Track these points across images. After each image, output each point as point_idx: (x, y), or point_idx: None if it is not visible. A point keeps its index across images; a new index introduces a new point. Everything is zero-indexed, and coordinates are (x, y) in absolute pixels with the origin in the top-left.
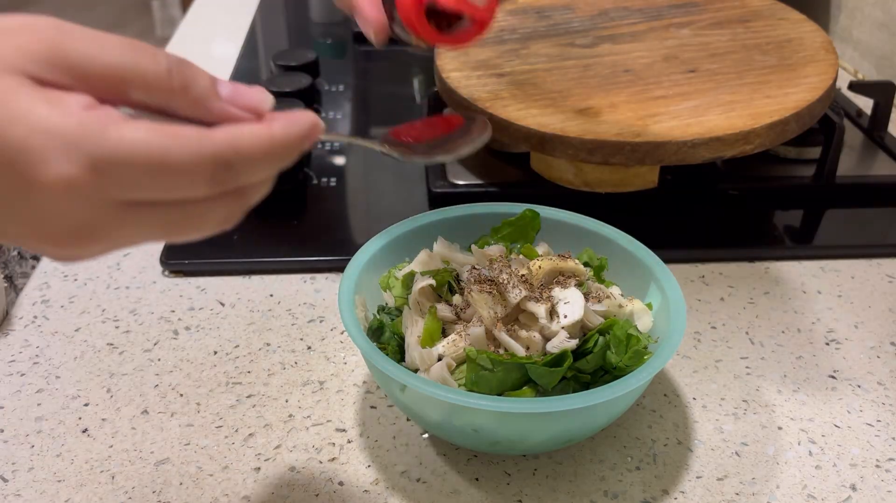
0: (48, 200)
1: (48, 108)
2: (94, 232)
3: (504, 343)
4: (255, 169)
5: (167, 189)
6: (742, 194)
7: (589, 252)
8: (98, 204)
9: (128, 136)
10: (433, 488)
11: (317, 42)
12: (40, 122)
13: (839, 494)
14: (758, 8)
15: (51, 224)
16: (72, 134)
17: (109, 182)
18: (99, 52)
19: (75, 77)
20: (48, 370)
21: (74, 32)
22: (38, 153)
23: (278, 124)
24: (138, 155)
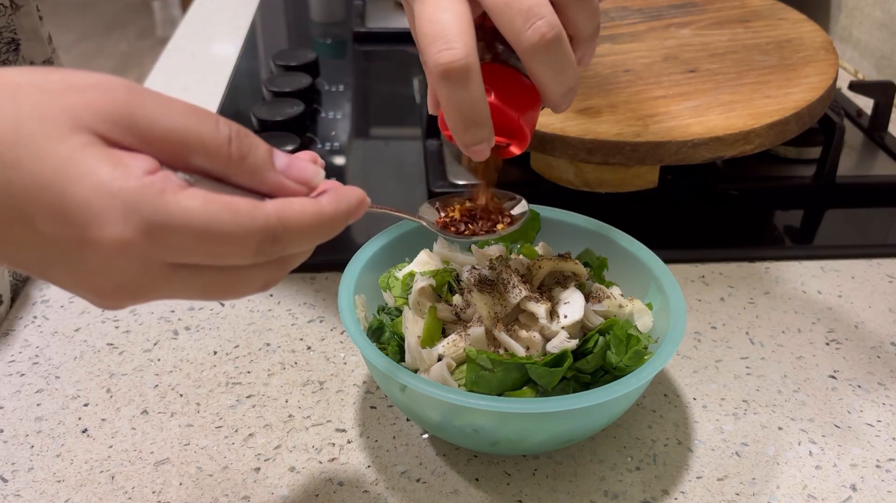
0: (101, 259)
1: (111, 170)
2: (140, 289)
3: (504, 343)
4: (300, 242)
5: (215, 256)
6: (742, 194)
7: (589, 252)
8: (147, 265)
9: (183, 204)
10: (433, 488)
11: (317, 42)
12: (103, 184)
13: (839, 494)
14: (758, 8)
15: (99, 279)
16: (131, 198)
17: (161, 246)
18: (165, 115)
19: (141, 139)
20: (48, 370)
21: (144, 95)
22: (98, 213)
23: (327, 199)
24: (192, 223)
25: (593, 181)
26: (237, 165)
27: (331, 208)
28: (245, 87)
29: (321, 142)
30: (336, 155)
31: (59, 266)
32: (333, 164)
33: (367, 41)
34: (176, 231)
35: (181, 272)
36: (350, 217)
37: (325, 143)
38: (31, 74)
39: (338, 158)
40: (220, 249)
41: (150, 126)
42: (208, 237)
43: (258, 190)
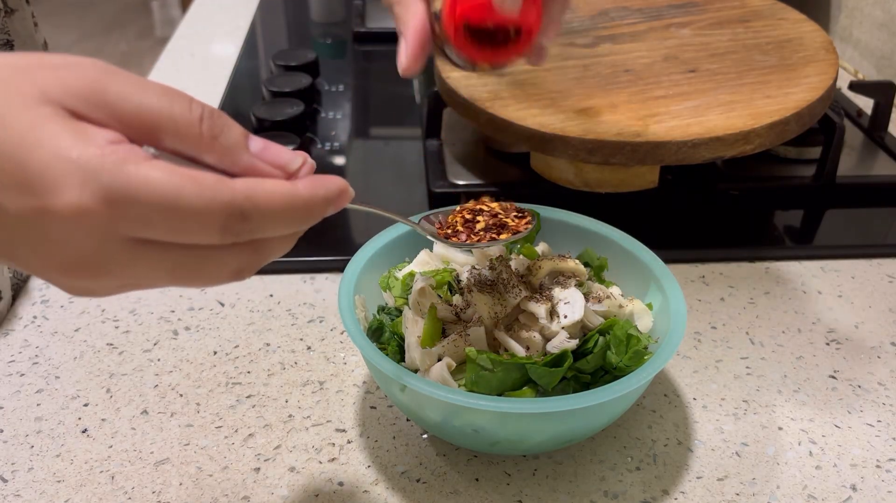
0: (59, 227)
1: (73, 139)
2: (102, 265)
3: (504, 343)
4: (271, 223)
5: (178, 231)
6: (742, 194)
7: (589, 252)
8: (108, 237)
9: (144, 173)
10: (433, 488)
11: (317, 42)
12: (62, 150)
13: (839, 494)
14: (758, 8)
15: (60, 252)
16: (90, 164)
17: (121, 216)
18: (136, 93)
19: (110, 115)
20: (48, 370)
21: (117, 74)
22: (55, 179)
23: (303, 183)
24: (152, 192)
25: (593, 181)
26: (208, 144)
27: (306, 192)
28: (245, 87)
29: (321, 142)
30: (336, 155)
31: (23, 243)
32: (333, 164)
33: (367, 41)
34: (136, 200)
35: (145, 250)
36: (329, 205)
37: (325, 143)
38: (7, 55)
39: (338, 158)
40: (183, 222)
41: (120, 102)
42: (170, 208)
43: (230, 171)
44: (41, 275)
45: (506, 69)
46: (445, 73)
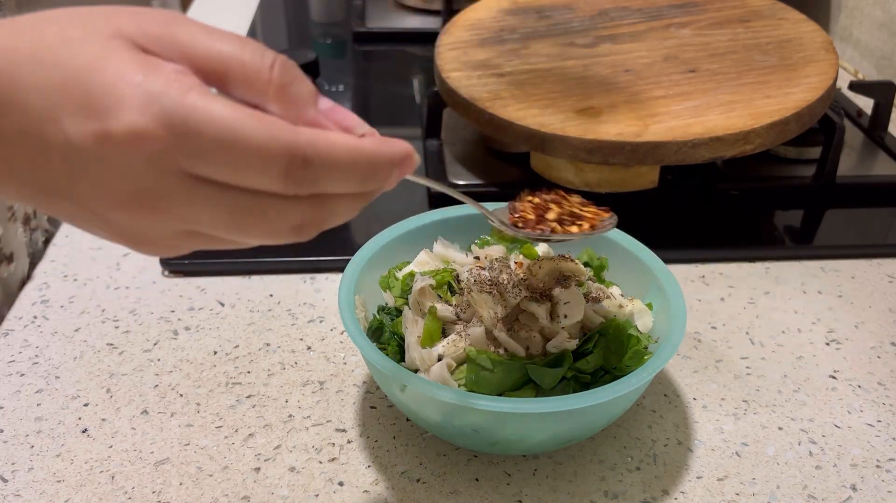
0: (118, 153)
1: (140, 65)
2: (159, 200)
3: (504, 343)
4: (333, 174)
5: (238, 169)
6: (742, 194)
7: (589, 252)
8: (166, 168)
9: (208, 104)
10: (433, 488)
11: (317, 42)
12: (127, 74)
13: (839, 494)
14: (758, 8)
15: (118, 182)
16: (154, 88)
17: (180, 146)
18: (208, 36)
19: (181, 54)
20: (48, 370)
21: (191, 21)
22: (117, 100)
23: (369, 140)
24: (215, 123)
25: (593, 181)
26: (276, 93)
27: (371, 147)
28: None
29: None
30: None
31: (81, 176)
32: None
33: (367, 41)
34: (197, 130)
35: (205, 188)
36: (393, 166)
37: None
38: (85, 7)
39: None
40: (244, 160)
41: (192, 43)
42: (232, 142)
43: (295, 124)
44: (96, 216)
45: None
46: (445, 73)
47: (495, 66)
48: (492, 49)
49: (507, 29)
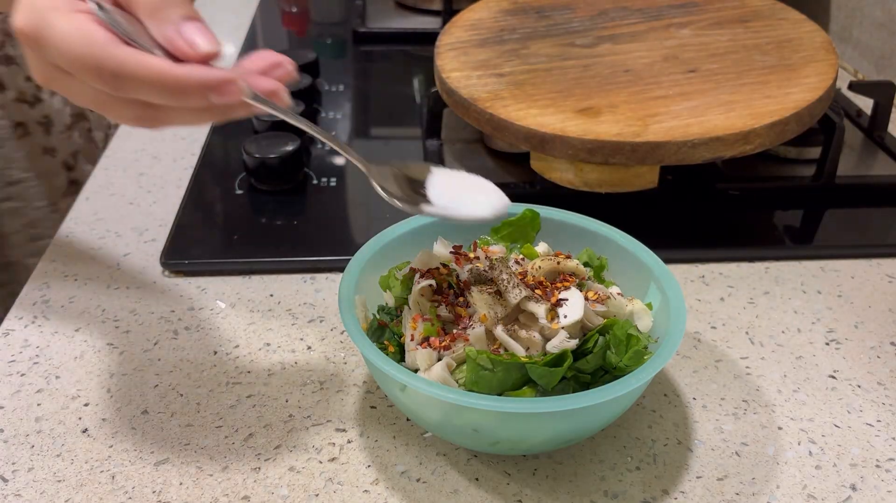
0: (21, 41)
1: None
2: (51, 80)
3: (504, 343)
4: (143, 88)
5: (72, 68)
6: (742, 194)
7: (589, 252)
8: (40, 57)
9: (58, 19)
10: (433, 488)
11: (317, 42)
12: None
13: (839, 494)
14: (758, 8)
15: (30, 60)
16: (36, 3)
17: (38, 44)
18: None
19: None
20: (48, 370)
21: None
22: (21, 5)
23: (185, 66)
24: (55, 33)
25: (593, 181)
26: (148, 13)
27: (179, 71)
28: None
29: (321, 142)
30: (336, 155)
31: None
32: (334, 164)
33: (367, 41)
34: (45, 35)
35: (69, 78)
36: (207, 90)
37: (325, 144)
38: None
39: (338, 158)
40: (71, 63)
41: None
42: (63, 49)
43: (156, 39)
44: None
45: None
46: (445, 73)
47: (495, 66)
48: (492, 49)
49: (507, 29)
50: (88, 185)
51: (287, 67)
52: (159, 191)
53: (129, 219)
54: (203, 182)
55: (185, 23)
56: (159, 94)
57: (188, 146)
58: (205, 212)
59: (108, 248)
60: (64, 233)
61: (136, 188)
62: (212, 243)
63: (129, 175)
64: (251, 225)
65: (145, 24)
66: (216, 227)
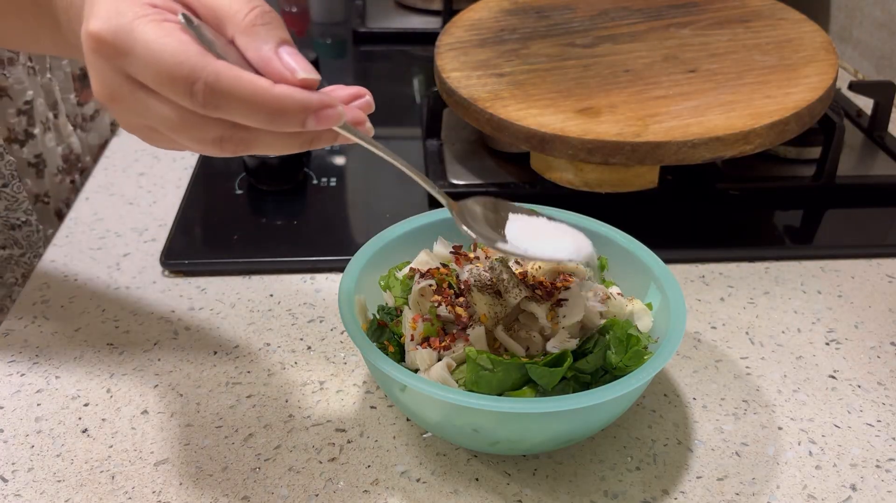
0: (87, 48)
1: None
2: (117, 94)
3: (504, 343)
4: (235, 106)
5: (157, 82)
6: (742, 194)
7: None
8: (117, 69)
9: (147, 28)
10: (433, 488)
11: (317, 42)
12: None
13: (839, 494)
14: (758, 8)
15: (93, 72)
16: (120, 8)
17: (120, 53)
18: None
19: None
20: (48, 370)
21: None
22: (97, 11)
23: (286, 87)
24: (143, 41)
25: (593, 181)
26: (245, 28)
27: (280, 91)
28: None
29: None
30: (336, 155)
31: (88, 66)
32: (333, 164)
33: (367, 41)
34: (131, 44)
35: (143, 91)
36: (305, 112)
37: None
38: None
39: (338, 158)
40: (158, 74)
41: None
42: (150, 59)
43: (251, 57)
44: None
45: None
46: (445, 73)
47: (495, 66)
48: (492, 49)
49: (507, 29)
50: (88, 185)
51: (368, 98)
52: (159, 191)
53: (129, 219)
54: (203, 182)
55: (284, 45)
56: (255, 114)
57: None
58: (205, 212)
59: (108, 248)
60: (64, 233)
61: (136, 188)
62: (212, 243)
63: (129, 175)
64: (251, 225)
65: (239, 40)
66: (216, 227)
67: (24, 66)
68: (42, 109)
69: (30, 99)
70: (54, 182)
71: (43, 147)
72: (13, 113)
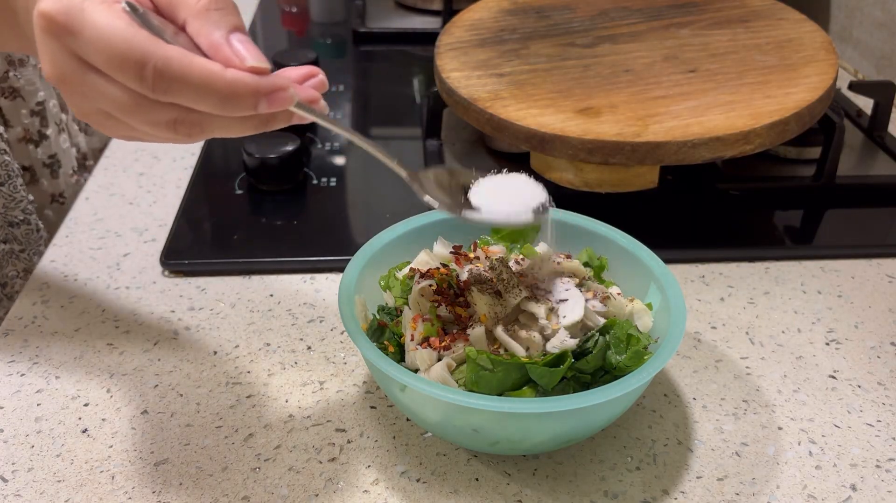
0: (38, 28)
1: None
2: (68, 77)
3: (504, 343)
4: (186, 90)
5: (107, 65)
6: (742, 194)
7: (589, 252)
8: (68, 51)
9: (97, 10)
10: (433, 488)
11: (317, 42)
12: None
13: (839, 494)
14: (758, 8)
15: (44, 54)
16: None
17: (70, 34)
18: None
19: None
20: (48, 370)
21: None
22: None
23: (235, 70)
24: (92, 24)
25: (593, 181)
26: (197, 12)
27: (233, 75)
28: None
29: (321, 142)
30: (336, 155)
31: (38, 48)
32: (333, 164)
33: (367, 41)
34: (81, 25)
35: (95, 74)
36: (257, 96)
37: (325, 144)
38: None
39: (338, 158)
40: (108, 58)
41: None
42: (100, 41)
43: (202, 44)
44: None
45: None
46: (445, 73)
47: (495, 66)
48: (492, 49)
49: (507, 29)
50: (88, 185)
51: (321, 77)
52: (159, 191)
53: (129, 219)
54: (203, 182)
55: (235, 32)
56: (206, 99)
57: (188, 146)
58: (205, 212)
59: (108, 247)
60: (64, 233)
61: (136, 188)
62: (212, 243)
63: (129, 175)
64: (251, 225)
65: (191, 24)
66: (216, 227)
67: (35, 68)
68: (55, 111)
69: (42, 100)
70: (70, 182)
71: (57, 147)
72: (27, 114)
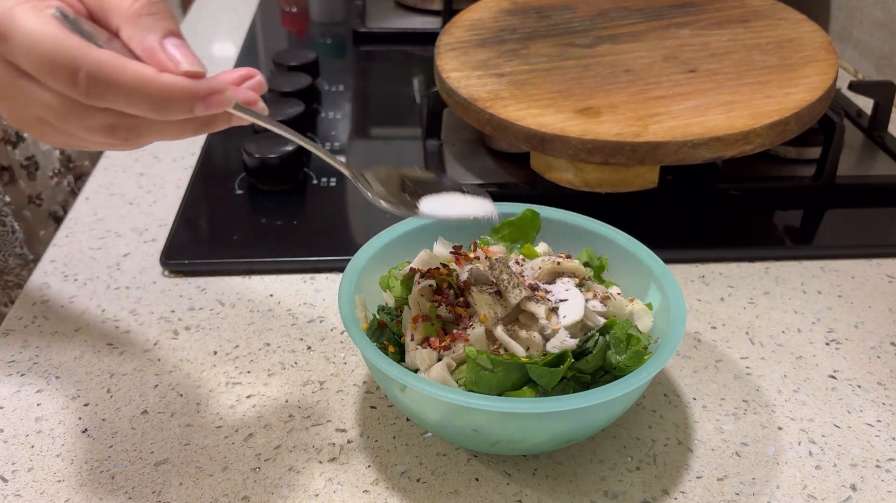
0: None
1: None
2: (2, 85)
3: (504, 343)
4: (120, 95)
5: (38, 70)
6: (742, 194)
7: (589, 252)
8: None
9: (26, 16)
10: (433, 488)
11: (317, 42)
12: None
13: (839, 494)
14: (758, 8)
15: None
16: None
17: (3, 40)
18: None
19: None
20: (48, 370)
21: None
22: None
23: (171, 74)
24: (22, 29)
25: (593, 181)
26: (129, 18)
27: (167, 80)
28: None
29: (321, 142)
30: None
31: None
32: None
33: (367, 41)
34: (11, 31)
35: (26, 80)
36: (193, 100)
37: (325, 143)
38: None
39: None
40: (38, 63)
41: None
42: (30, 47)
43: (136, 49)
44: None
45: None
46: (445, 73)
47: (495, 66)
48: (492, 49)
49: (507, 29)
50: (88, 185)
51: (259, 78)
52: (159, 191)
53: (129, 219)
54: (203, 182)
55: (169, 37)
56: (140, 103)
57: (188, 146)
58: (205, 212)
59: (108, 247)
60: (64, 233)
61: (136, 188)
62: (212, 243)
63: (129, 175)
64: (251, 225)
65: (124, 30)
66: (216, 227)
67: None
68: None
69: None
70: (49, 184)
71: (35, 149)
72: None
